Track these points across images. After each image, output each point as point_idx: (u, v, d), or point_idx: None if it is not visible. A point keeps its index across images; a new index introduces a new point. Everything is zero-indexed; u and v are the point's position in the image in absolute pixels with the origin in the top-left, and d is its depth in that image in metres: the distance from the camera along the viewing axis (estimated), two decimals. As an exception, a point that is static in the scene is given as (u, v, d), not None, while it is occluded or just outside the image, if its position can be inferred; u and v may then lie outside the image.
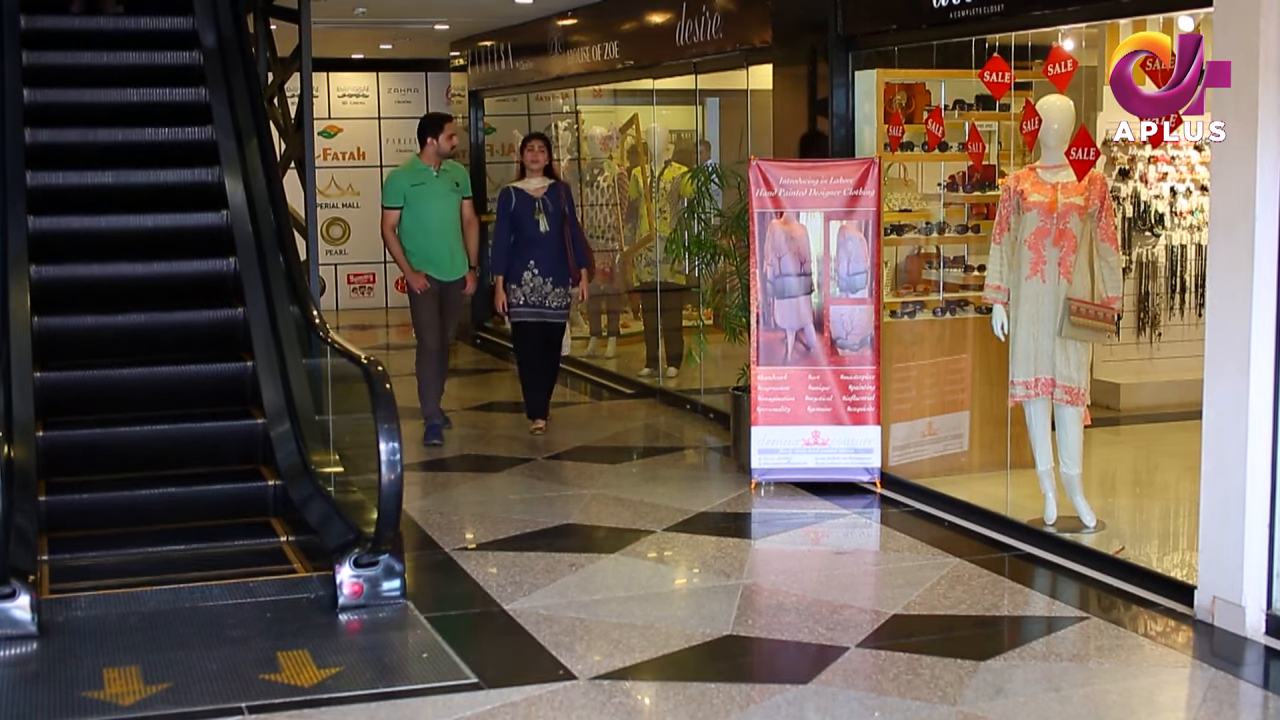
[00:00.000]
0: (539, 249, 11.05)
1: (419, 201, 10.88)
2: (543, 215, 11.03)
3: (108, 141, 10.16)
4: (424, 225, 10.90)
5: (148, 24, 11.08)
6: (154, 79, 10.62)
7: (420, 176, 10.92)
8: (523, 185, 11.17)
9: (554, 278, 11.09)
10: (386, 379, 7.03)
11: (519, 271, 11.09)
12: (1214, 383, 6.71)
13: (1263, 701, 6.02)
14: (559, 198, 11.16)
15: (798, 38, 10.30)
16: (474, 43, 17.57)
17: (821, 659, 6.34)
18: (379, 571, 7.13)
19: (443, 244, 10.99)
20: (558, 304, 11.17)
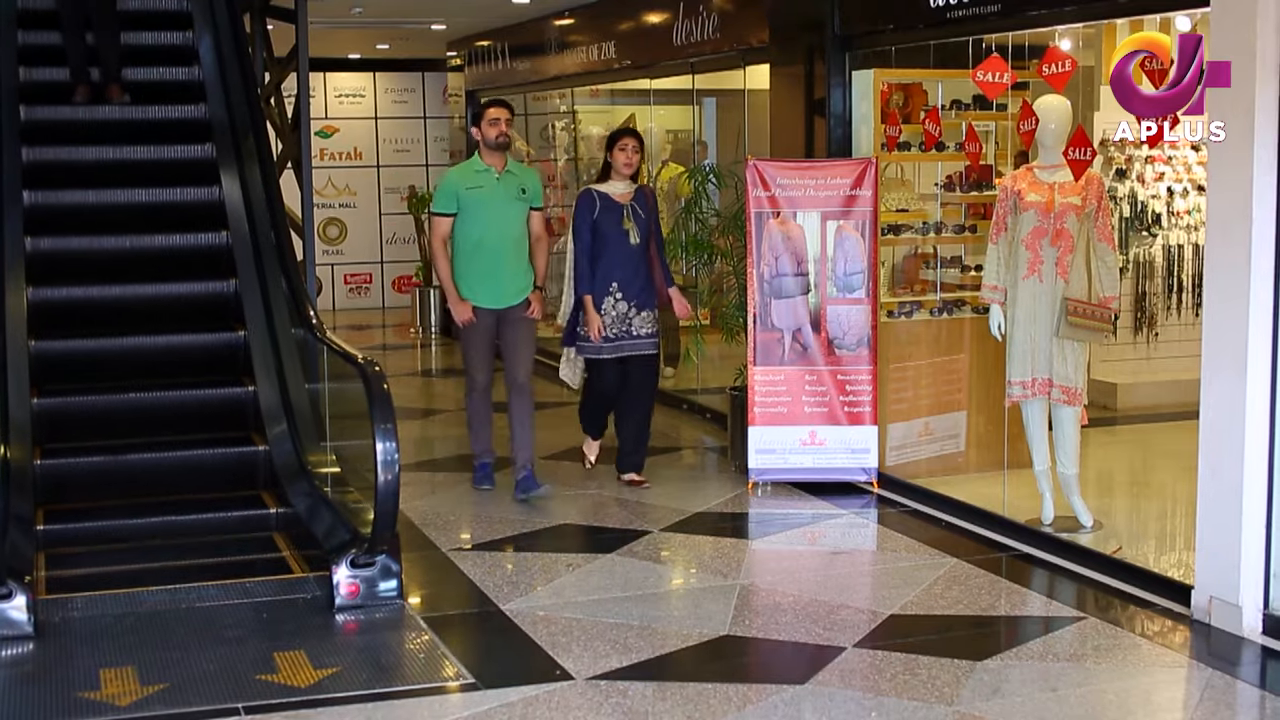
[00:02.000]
0: (625, 267, 9.31)
1: (473, 209, 9.08)
2: (633, 225, 9.32)
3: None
4: (476, 239, 9.09)
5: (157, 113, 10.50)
6: (163, 177, 10.08)
7: (477, 178, 9.12)
8: (606, 189, 9.45)
9: (639, 300, 9.37)
10: (383, 379, 7.02)
11: (598, 297, 9.33)
12: (1211, 383, 6.71)
13: (1259, 701, 6.01)
14: (647, 205, 9.52)
15: (794, 37, 10.30)
16: (471, 43, 17.57)
17: (818, 659, 6.34)
18: (376, 572, 7.12)
19: (498, 263, 9.12)
20: (647, 330, 9.44)
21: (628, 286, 9.33)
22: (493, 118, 9.10)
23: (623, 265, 9.31)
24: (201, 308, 9.42)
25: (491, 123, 9.10)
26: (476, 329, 9.19)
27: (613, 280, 9.31)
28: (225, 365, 9.10)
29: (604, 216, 9.32)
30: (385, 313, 20.20)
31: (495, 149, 9.13)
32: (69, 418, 8.60)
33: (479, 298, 9.15)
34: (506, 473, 9.94)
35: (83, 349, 9.03)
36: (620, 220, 9.32)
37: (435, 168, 20.22)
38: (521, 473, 9.21)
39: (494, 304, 9.16)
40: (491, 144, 9.11)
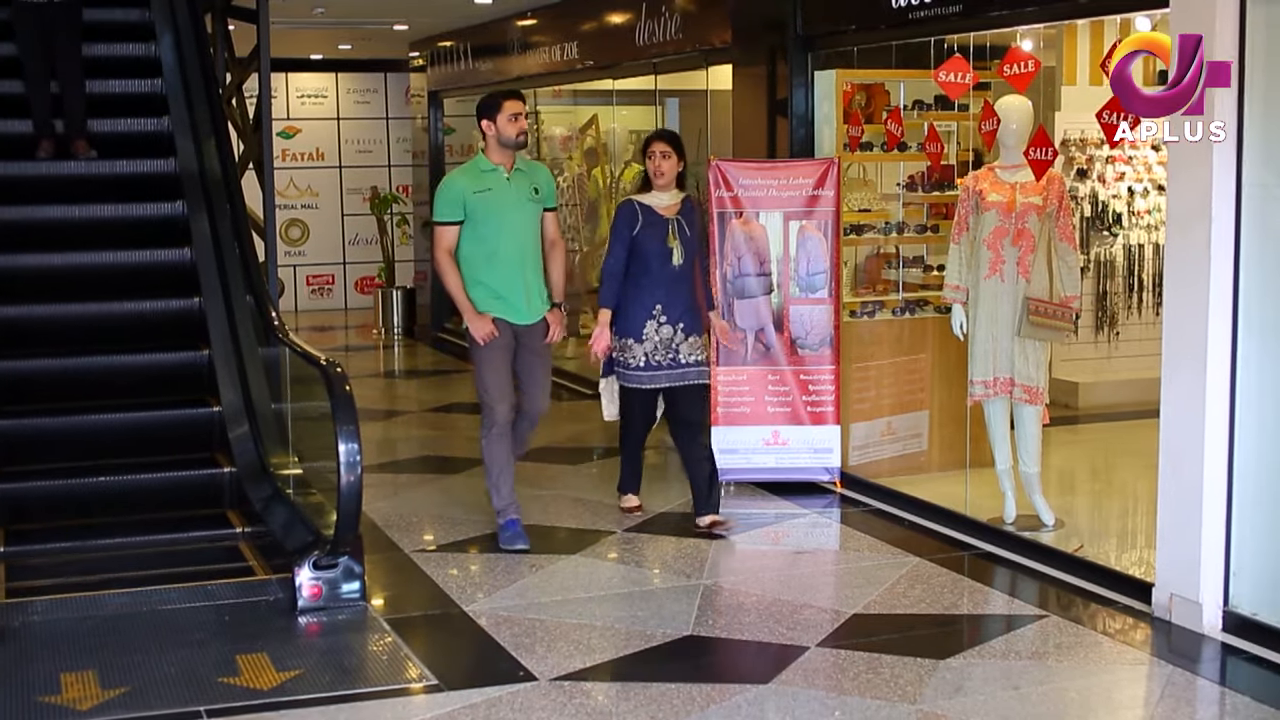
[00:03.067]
0: (668, 288, 8.32)
1: (484, 215, 7.94)
2: (678, 243, 8.29)
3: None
4: (491, 248, 7.97)
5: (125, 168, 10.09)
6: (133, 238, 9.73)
7: (485, 180, 8.01)
8: (650, 200, 8.41)
9: (685, 324, 8.37)
10: (346, 381, 7.00)
11: (638, 320, 8.34)
12: (1171, 381, 6.74)
13: (1220, 698, 6.05)
14: (694, 220, 8.51)
15: (757, 38, 10.31)
16: (433, 43, 17.54)
17: (782, 659, 6.34)
18: (338, 574, 7.10)
19: (516, 274, 8.03)
20: (695, 358, 8.40)
21: (671, 309, 8.33)
22: (513, 112, 7.99)
23: (666, 286, 8.32)
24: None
25: (512, 118, 7.97)
26: (495, 346, 7.97)
27: (655, 302, 8.30)
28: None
29: (646, 233, 8.29)
30: (348, 314, 20.15)
31: (512, 148, 8.05)
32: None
33: (501, 311, 8.02)
34: (465, 474, 9.93)
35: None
36: (664, 237, 8.31)
37: (398, 168, 20.20)
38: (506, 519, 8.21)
39: (516, 318, 8.05)
40: (511, 143, 8.00)
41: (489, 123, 8.00)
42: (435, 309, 17.94)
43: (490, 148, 8.04)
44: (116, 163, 10.10)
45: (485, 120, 8.01)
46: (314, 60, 20.05)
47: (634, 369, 8.39)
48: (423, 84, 18.17)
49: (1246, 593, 6.59)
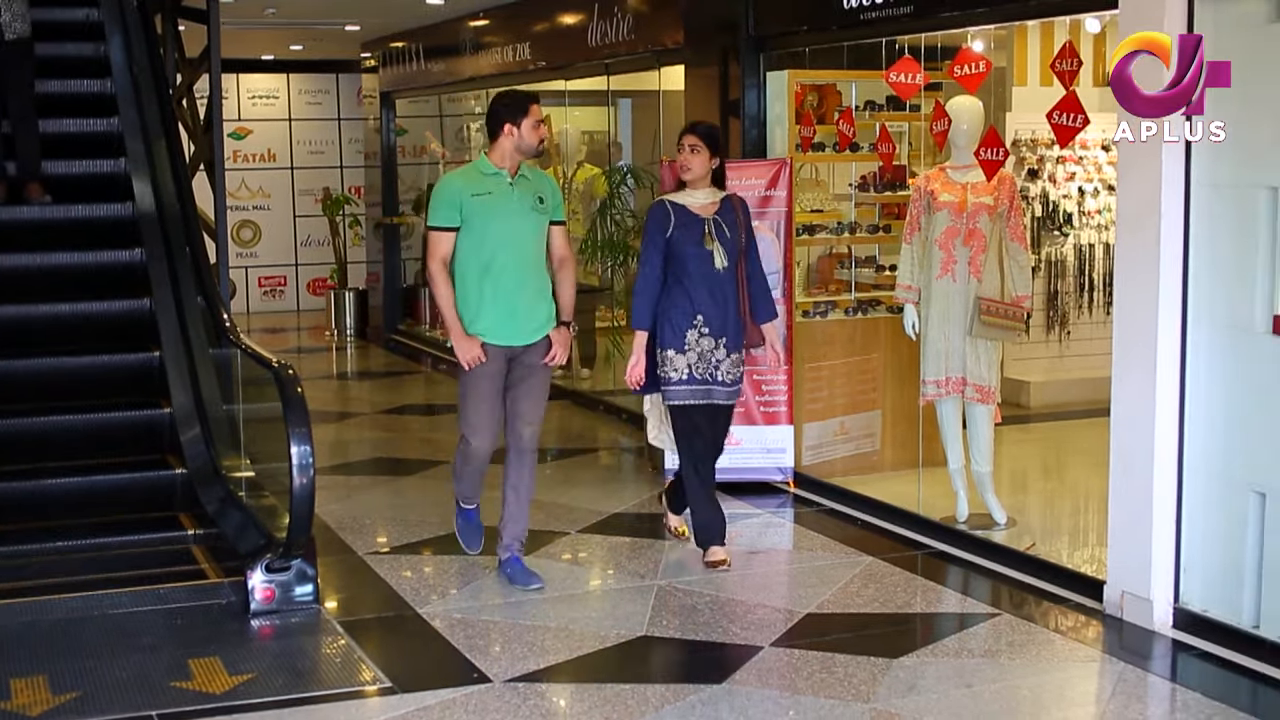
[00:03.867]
0: (710, 296, 7.55)
1: (482, 221, 7.18)
2: (717, 245, 7.52)
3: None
4: (487, 258, 7.19)
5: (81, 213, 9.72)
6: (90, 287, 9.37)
7: (486, 184, 7.24)
8: (684, 199, 7.66)
9: (727, 338, 7.59)
10: (298, 382, 6.97)
11: (679, 327, 7.56)
12: (1122, 380, 6.78)
13: (1170, 694, 6.09)
14: (736, 219, 7.67)
15: (709, 38, 10.32)
16: (385, 44, 17.49)
17: (736, 659, 6.35)
18: (291, 577, 7.07)
19: (513, 291, 7.24)
20: (731, 377, 7.61)
21: (713, 320, 7.54)
22: (539, 117, 7.30)
23: (708, 292, 7.54)
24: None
25: (536, 124, 7.27)
26: (483, 374, 7.24)
27: (696, 312, 7.53)
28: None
29: (681, 235, 7.53)
30: (300, 315, 20.08)
31: (531, 156, 7.40)
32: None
33: (490, 333, 7.23)
34: (419, 475, 9.91)
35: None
36: (700, 238, 7.52)
37: (350, 169, 20.14)
38: (506, 553, 7.53)
39: (508, 341, 7.27)
40: (532, 150, 7.31)
41: (512, 126, 7.21)
42: (388, 311, 17.90)
43: (496, 150, 7.26)
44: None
45: (509, 124, 7.21)
46: (265, 61, 19.97)
47: (675, 384, 7.57)
48: (375, 85, 18.12)
49: (1197, 590, 6.64)
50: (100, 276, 9.39)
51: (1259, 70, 6.21)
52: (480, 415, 7.30)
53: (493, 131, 7.30)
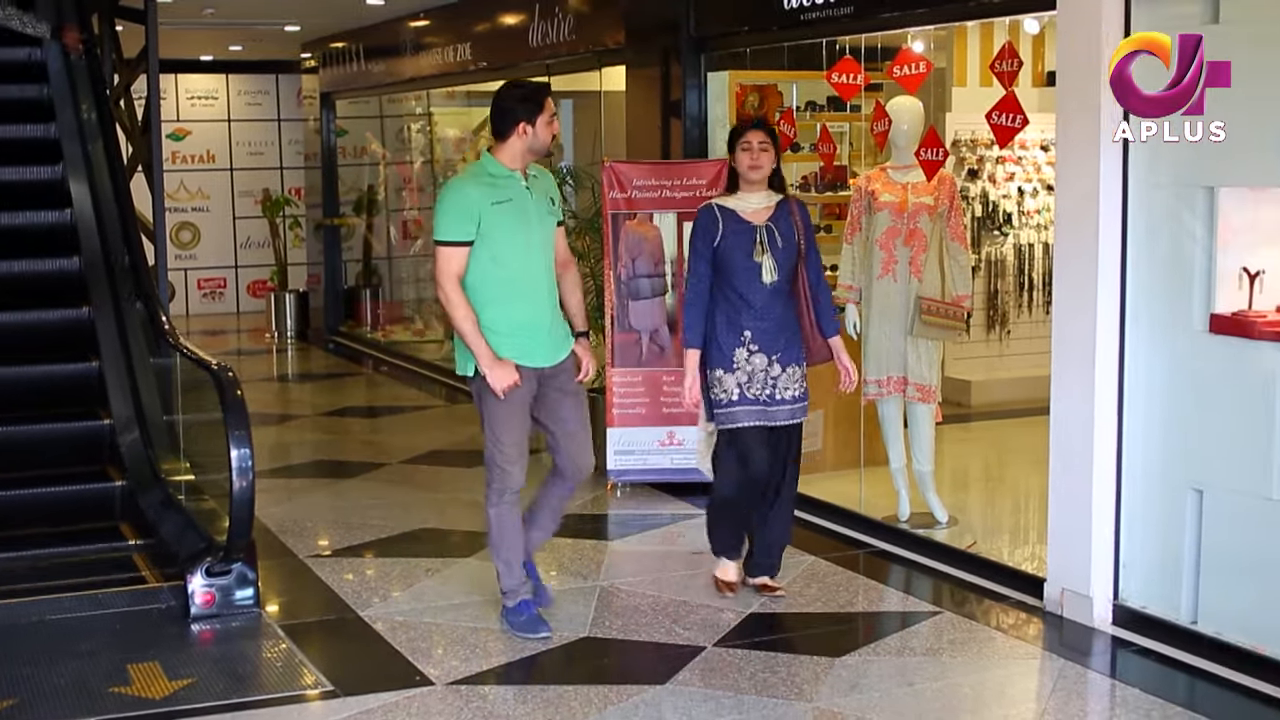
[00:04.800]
0: (759, 312, 6.88)
1: (505, 232, 6.42)
2: (767, 256, 6.84)
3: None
4: (510, 274, 6.47)
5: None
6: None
7: (503, 189, 6.46)
8: (736, 203, 6.98)
9: (783, 354, 6.93)
10: (238, 385, 6.93)
11: (728, 345, 6.90)
12: (1061, 379, 6.82)
13: (1110, 690, 6.13)
14: (793, 225, 6.98)
15: (650, 39, 10.33)
16: (325, 44, 17.42)
17: (679, 659, 6.35)
18: (231, 580, 7.03)
19: (541, 304, 6.58)
20: (794, 393, 6.97)
21: (762, 336, 6.89)
22: (553, 112, 6.60)
23: (756, 309, 6.87)
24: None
25: (550, 119, 6.56)
26: (518, 399, 6.51)
27: (744, 328, 6.88)
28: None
29: (730, 243, 6.85)
30: (240, 317, 19.97)
31: (540, 155, 6.74)
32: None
33: (523, 355, 6.51)
34: (360, 478, 9.86)
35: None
36: (750, 249, 6.84)
37: (290, 171, 20.05)
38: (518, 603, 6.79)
39: (541, 363, 6.58)
40: (544, 149, 6.65)
41: (527, 125, 6.47)
42: (329, 312, 17.84)
43: (506, 151, 6.50)
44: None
45: (524, 123, 6.47)
46: (204, 61, 19.85)
47: (726, 405, 6.91)
48: (315, 85, 18.05)
49: (1136, 586, 6.68)
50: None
51: (1195, 71, 6.26)
52: (517, 442, 6.56)
53: (502, 130, 6.50)
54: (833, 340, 7.07)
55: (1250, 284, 6.19)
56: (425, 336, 16.46)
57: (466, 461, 10.38)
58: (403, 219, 17.29)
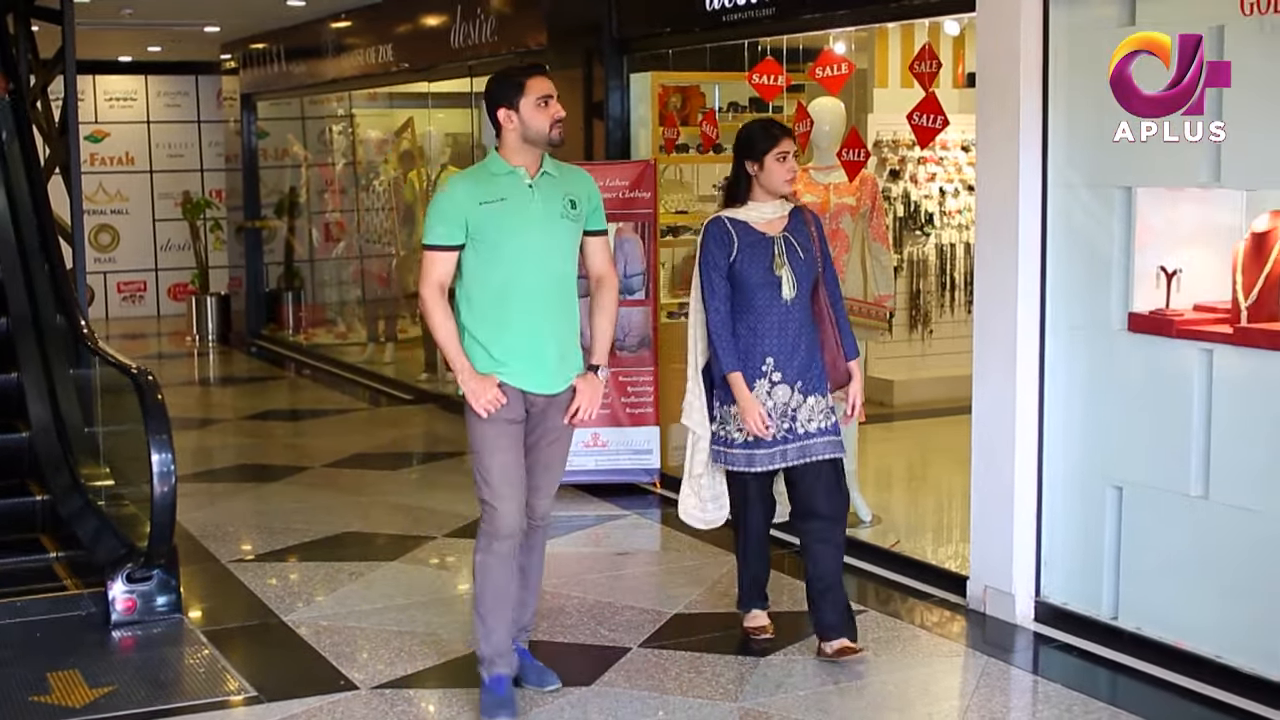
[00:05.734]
0: (780, 333, 6.14)
1: (495, 235, 5.64)
2: (787, 269, 6.11)
3: None
4: (502, 283, 5.68)
5: None
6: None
7: (497, 187, 5.70)
8: (746, 214, 6.22)
9: (805, 381, 6.17)
10: (158, 389, 6.88)
11: (749, 377, 6.14)
12: (982, 378, 6.87)
13: (1032, 686, 6.18)
14: (810, 236, 6.27)
15: (572, 40, 10.32)
16: (246, 45, 17.31)
17: (604, 660, 6.35)
18: (153, 586, 6.97)
19: (539, 321, 5.74)
20: (819, 425, 6.18)
21: (787, 362, 6.14)
22: (542, 94, 5.73)
23: (777, 330, 6.14)
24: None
25: (541, 102, 5.71)
26: (502, 420, 5.65)
27: (765, 354, 6.12)
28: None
29: (746, 257, 6.12)
30: (161, 321, 19.80)
31: (544, 145, 5.79)
32: None
33: (511, 375, 5.68)
34: (283, 482, 9.80)
35: None
36: (769, 263, 6.12)
37: (211, 173, 19.90)
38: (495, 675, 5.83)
39: (532, 387, 5.72)
40: (543, 137, 5.73)
41: (508, 111, 5.68)
42: (251, 315, 17.72)
43: (508, 144, 5.74)
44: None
45: (503, 109, 5.69)
46: (123, 62, 19.66)
47: (738, 446, 6.21)
48: (235, 87, 17.93)
49: (1057, 583, 6.74)
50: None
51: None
52: (507, 473, 5.67)
53: (495, 123, 5.77)
54: (851, 365, 6.35)
55: (1168, 283, 6.26)
56: (348, 339, 16.39)
57: (390, 464, 10.35)
58: (325, 221, 17.20)
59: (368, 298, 15.92)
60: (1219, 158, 5.84)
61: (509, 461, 5.68)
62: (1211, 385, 6.04)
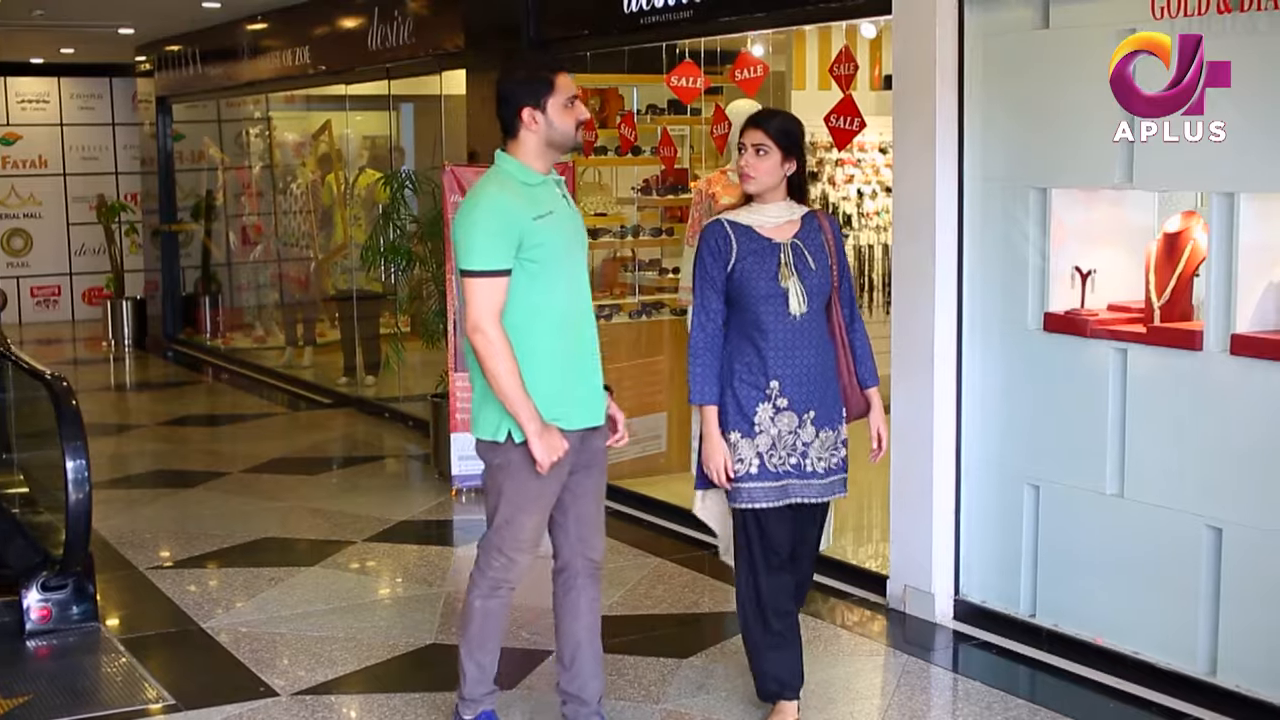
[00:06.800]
0: (786, 355, 5.34)
1: (551, 255, 4.99)
2: (795, 281, 5.30)
3: None
4: (561, 312, 5.06)
5: None
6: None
7: (541, 199, 5.02)
8: (750, 217, 5.40)
9: (817, 413, 5.44)
10: (72, 395, 6.81)
11: (747, 403, 5.36)
12: (901, 379, 6.92)
13: (952, 684, 6.22)
14: (824, 244, 5.43)
15: (490, 43, 10.29)
16: (161, 47, 17.16)
17: (527, 663, 6.34)
18: (69, 594, 6.90)
19: (589, 347, 5.19)
20: (827, 464, 5.52)
21: (795, 387, 5.37)
22: (570, 93, 5.07)
23: (785, 351, 5.34)
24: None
25: (569, 103, 5.06)
26: (555, 475, 5.10)
27: (770, 378, 5.34)
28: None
29: (748, 266, 5.31)
30: (75, 326, 19.59)
31: (567, 150, 5.32)
32: None
33: (571, 417, 5.11)
34: (202, 488, 9.72)
35: None
36: (775, 273, 5.31)
37: (125, 176, 19.72)
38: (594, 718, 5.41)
39: (588, 423, 5.20)
40: (570, 142, 5.15)
41: (534, 112, 5.01)
42: (167, 320, 17.58)
43: (523, 150, 5.06)
44: None
45: (528, 108, 5.01)
46: (35, 64, 19.45)
47: (743, 479, 5.40)
48: (150, 89, 17.77)
49: (976, 582, 6.80)
50: None
51: (1027, 75, 6.38)
52: (539, 526, 5.23)
53: (509, 124, 5.08)
54: (871, 393, 5.62)
55: (1082, 283, 6.33)
56: (267, 343, 16.29)
57: (309, 469, 10.30)
58: (242, 224, 17.08)
59: (286, 301, 15.83)
60: (1131, 160, 5.91)
61: (544, 519, 5.23)
62: (1126, 384, 6.11)
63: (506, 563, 5.22)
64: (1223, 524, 5.74)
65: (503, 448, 5.04)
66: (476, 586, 5.29)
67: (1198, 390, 5.81)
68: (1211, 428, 5.77)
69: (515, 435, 4.98)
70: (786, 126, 5.41)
